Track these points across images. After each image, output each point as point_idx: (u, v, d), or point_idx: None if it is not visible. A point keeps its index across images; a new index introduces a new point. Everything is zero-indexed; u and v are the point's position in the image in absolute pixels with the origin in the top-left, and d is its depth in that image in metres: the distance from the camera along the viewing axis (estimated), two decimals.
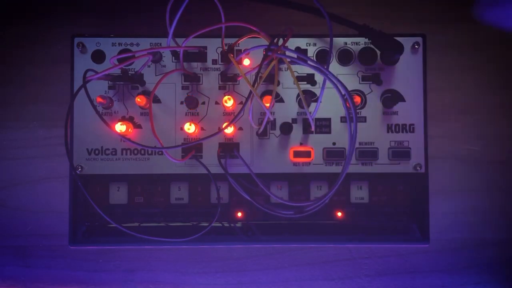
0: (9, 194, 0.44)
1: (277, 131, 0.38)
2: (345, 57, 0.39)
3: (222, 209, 0.38)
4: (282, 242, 0.39)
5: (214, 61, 0.39)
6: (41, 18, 0.45)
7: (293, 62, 0.37)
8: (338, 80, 0.33)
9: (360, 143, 0.38)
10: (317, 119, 0.38)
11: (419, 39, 0.38)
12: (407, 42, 0.38)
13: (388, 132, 0.38)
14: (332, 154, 0.38)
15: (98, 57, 0.38)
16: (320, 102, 0.36)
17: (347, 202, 0.39)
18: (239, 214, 0.39)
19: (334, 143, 0.38)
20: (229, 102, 0.38)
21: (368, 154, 0.38)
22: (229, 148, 0.38)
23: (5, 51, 0.45)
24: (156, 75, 0.39)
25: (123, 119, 0.38)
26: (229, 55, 0.36)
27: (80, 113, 0.38)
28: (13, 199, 0.44)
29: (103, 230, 0.39)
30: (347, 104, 0.34)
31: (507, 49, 0.45)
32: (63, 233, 0.40)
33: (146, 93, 0.38)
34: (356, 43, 0.39)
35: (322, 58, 0.38)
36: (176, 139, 0.38)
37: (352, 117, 0.33)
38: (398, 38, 0.37)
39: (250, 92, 0.34)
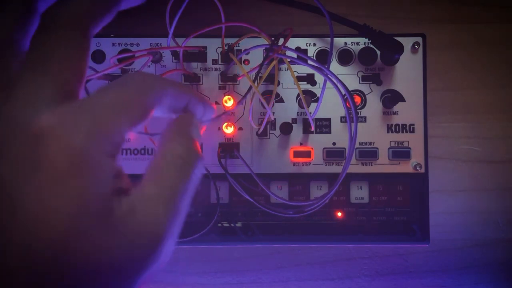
0: None
1: (277, 131, 0.38)
2: (345, 57, 0.39)
3: (222, 209, 0.38)
4: (282, 242, 0.39)
5: (214, 61, 0.39)
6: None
7: (293, 62, 0.37)
8: (340, 81, 0.33)
9: (360, 143, 0.38)
10: (317, 119, 0.38)
11: (419, 39, 0.38)
12: (407, 42, 0.38)
13: (388, 132, 0.38)
14: (332, 154, 0.38)
15: (98, 57, 0.39)
16: (321, 102, 0.36)
17: (347, 202, 0.39)
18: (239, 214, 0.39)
19: (334, 143, 0.38)
20: (229, 102, 0.38)
21: (368, 154, 0.38)
22: (229, 148, 0.38)
23: None
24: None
25: None
26: (230, 55, 0.36)
27: None
28: None
29: None
30: (347, 105, 0.34)
31: (507, 49, 0.45)
32: None
33: None
34: (356, 43, 0.39)
35: (322, 58, 0.38)
36: None
37: (353, 117, 0.33)
38: (398, 38, 0.37)
39: (248, 89, 0.34)
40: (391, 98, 0.38)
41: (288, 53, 0.37)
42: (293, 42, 0.38)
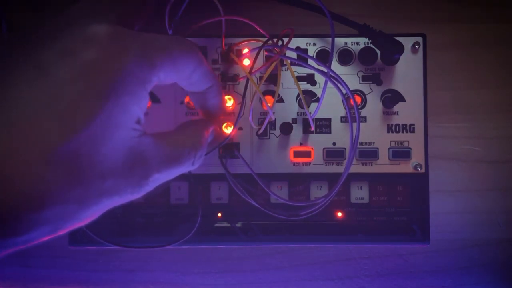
0: None
1: (277, 131, 0.38)
2: (345, 57, 0.39)
3: (222, 209, 0.38)
4: (282, 242, 0.39)
5: (214, 61, 0.39)
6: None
7: (298, 64, 0.37)
8: (344, 84, 0.33)
9: (360, 143, 0.38)
10: (317, 119, 0.38)
11: (419, 39, 0.38)
12: (407, 42, 0.38)
13: (388, 132, 0.38)
14: (332, 154, 0.38)
15: None
16: (321, 102, 0.36)
17: (347, 202, 0.39)
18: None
19: (334, 143, 0.38)
20: (229, 102, 0.38)
21: (368, 154, 0.38)
22: (229, 148, 0.38)
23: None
24: None
25: None
26: (232, 56, 0.36)
27: None
28: None
29: (103, 230, 0.39)
30: (349, 105, 0.34)
31: (506, 49, 0.45)
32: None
33: None
34: (356, 43, 0.39)
35: (322, 57, 0.38)
36: None
37: (355, 117, 0.33)
38: (398, 38, 0.37)
39: (245, 91, 0.34)
40: (391, 98, 0.38)
41: (290, 53, 0.37)
42: (293, 42, 0.38)
